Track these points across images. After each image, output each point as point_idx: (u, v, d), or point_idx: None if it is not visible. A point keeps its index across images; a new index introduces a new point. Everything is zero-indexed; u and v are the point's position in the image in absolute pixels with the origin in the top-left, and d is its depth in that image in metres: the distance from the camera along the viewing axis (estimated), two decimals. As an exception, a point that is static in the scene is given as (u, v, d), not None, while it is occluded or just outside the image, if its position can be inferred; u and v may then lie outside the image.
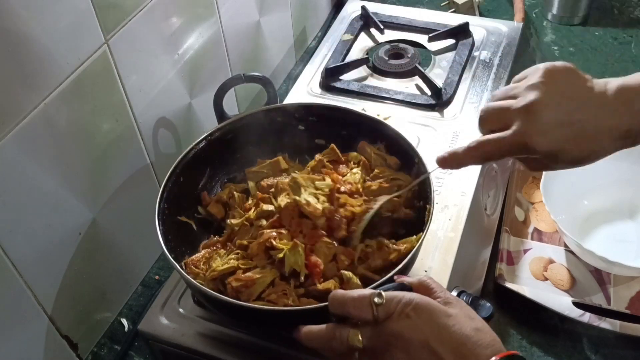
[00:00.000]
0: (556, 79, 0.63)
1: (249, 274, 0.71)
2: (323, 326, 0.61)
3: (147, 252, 0.95)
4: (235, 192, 0.82)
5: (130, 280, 0.93)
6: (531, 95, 0.62)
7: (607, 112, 0.61)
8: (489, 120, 0.65)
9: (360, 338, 0.57)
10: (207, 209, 0.82)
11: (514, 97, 0.64)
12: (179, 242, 0.77)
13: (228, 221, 0.79)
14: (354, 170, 0.82)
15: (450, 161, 0.68)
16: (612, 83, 0.62)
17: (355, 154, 0.84)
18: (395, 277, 0.65)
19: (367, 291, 0.58)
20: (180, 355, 0.75)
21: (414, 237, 0.74)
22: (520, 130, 0.62)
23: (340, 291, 0.61)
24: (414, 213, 0.79)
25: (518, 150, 0.63)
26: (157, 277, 0.95)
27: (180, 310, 0.78)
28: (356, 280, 0.70)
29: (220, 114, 0.87)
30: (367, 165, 0.83)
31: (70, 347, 0.82)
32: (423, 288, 0.61)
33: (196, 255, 0.76)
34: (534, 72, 0.64)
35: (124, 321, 0.90)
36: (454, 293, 0.76)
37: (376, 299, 0.57)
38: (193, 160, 0.82)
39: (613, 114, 0.61)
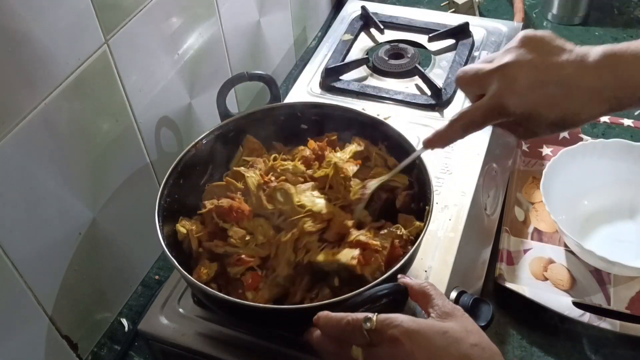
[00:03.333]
0: (534, 43, 0.62)
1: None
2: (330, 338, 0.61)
3: (147, 252, 0.95)
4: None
5: (130, 280, 0.93)
6: (506, 58, 0.62)
7: (588, 73, 0.59)
8: (465, 80, 0.66)
9: (362, 355, 0.57)
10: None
11: (491, 61, 0.64)
12: (179, 241, 0.77)
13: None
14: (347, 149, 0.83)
15: (436, 140, 0.68)
16: (596, 48, 0.61)
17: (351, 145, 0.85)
18: (398, 276, 0.65)
19: (358, 316, 0.57)
20: (180, 355, 0.75)
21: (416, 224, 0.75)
22: (496, 93, 0.62)
23: (331, 315, 0.60)
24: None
25: (496, 114, 0.63)
26: (157, 277, 0.95)
27: (180, 310, 0.78)
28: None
29: (223, 112, 0.87)
30: (363, 151, 0.84)
31: (70, 347, 0.82)
32: (421, 294, 0.61)
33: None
34: (513, 40, 0.64)
35: (124, 321, 0.90)
36: (454, 293, 0.76)
37: (366, 324, 0.56)
38: (195, 158, 0.82)
39: (594, 75, 0.59)
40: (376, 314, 0.57)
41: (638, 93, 0.59)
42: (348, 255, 0.70)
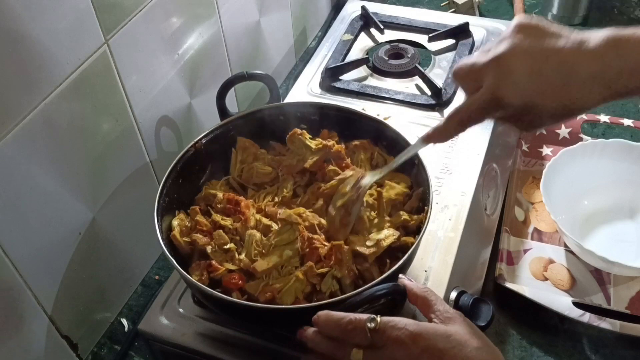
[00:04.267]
0: (529, 30, 0.59)
1: (275, 286, 0.71)
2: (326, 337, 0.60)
3: (147, 252, 0.95)
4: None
5: (130, 280, 0.93)
6: (501, 47, 0.59)
7: (587, 57, 0.56)
8: (461, 75, 0.64)
9: (362, 358, 0.56)
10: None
11: (487, 51, 0.61)
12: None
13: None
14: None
15: (435, 136, 0.67)
16: (598, 32, 0.57)
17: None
18: (399, 277, 0.64)
19: (361, 316, 0.57)
20: (180, 355, 0.75)
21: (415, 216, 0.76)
22: (491, 85, 0.59)
23: (332, 314, 0.59)
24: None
25: (493, 107, 0.61)
26: (157, 277, 0.95)
27: (180, 310, 0.78)
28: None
29: (223, 111, 0.87)
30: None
31: (70, 347, 0.82)
32: (422, 299, 0.61)
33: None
34: (507, 28, 0.61)
35: (124, 321, 0.90)
36: (454, 293, 0.76)
37: (370, 324, 0.56)
38: (194, 157, 0.82)
39: (593, 58, 0.56)
40: (379, 315, 0.57)
41: None
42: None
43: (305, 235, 0.73)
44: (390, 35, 1.17)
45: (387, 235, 0.73)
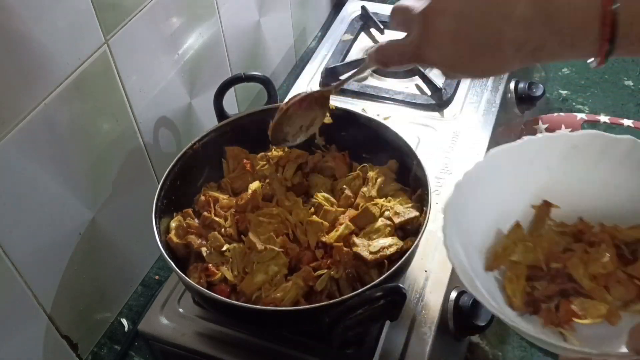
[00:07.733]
0: None
1: (277, 295, 0.70)
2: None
3: (147, 252, 0.95)
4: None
5: (130, 280, 0.93)
6: None
7: (515, 25, 0.51)
8: (394, 17, 0.60)
9: None
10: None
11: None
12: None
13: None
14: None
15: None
16: None
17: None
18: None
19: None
20: (180, 355, 0.75)
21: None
22: (415, 41, 0.57)
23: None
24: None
25: (414, 60, 0.59)
26: (157, 277, 0.95)
27: (180, 310, 0.78)
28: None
29: (220, 113, 0.87)
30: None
31: (70, 347, 0.82)
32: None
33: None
34: None
35: (124, 321, 0.90)
36: (454, 293, 0.76)
37: None
38: (192, 158, 0.82)
39: (522, 27, 0.51)
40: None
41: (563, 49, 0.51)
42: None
43: (291, 255, 0.74)
44: (390, 35, 1.17)
45: (391, 244, 0.73)
